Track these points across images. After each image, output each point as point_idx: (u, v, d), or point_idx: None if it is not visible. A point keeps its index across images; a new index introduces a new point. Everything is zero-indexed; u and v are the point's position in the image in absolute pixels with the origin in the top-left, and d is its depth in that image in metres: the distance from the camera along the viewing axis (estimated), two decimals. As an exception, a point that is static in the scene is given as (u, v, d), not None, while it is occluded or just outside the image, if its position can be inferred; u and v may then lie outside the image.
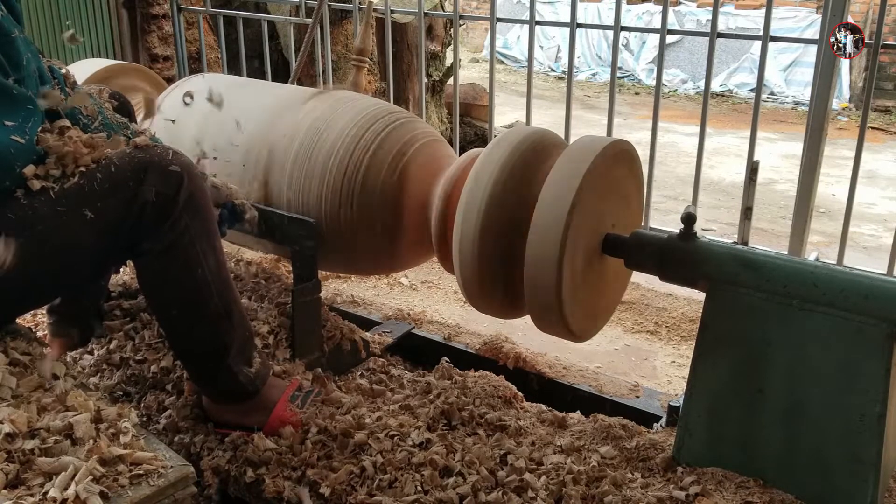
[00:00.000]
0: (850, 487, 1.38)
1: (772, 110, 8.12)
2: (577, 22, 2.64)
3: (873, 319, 1.36)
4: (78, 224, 1.33)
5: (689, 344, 2.45)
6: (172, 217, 1.40)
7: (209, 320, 1.50)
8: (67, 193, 1.33)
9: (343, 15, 3.84)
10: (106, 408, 1.23)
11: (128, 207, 1.37)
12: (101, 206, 1.35)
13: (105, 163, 1.37)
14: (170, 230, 1.41)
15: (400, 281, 2.90)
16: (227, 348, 1.53)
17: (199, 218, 1.45)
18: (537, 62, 10.26)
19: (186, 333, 1.52)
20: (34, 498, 1.04)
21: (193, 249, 1.44)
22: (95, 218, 1.34)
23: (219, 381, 1.57)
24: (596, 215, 1.62)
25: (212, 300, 1.49)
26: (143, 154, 1.39)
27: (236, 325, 1.54)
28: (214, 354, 1.54)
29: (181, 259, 1.44)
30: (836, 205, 4.73)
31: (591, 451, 1.58)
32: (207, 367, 1.57)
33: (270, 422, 1.61)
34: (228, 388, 1.58)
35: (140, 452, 1.16)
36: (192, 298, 1.48)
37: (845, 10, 2.20)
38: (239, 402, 1.60)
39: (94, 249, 1.39)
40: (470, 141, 4.83)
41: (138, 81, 2.43)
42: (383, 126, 1.89)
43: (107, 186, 1.35)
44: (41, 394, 1.24)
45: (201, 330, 1.51)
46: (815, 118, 2.32)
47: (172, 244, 1.42)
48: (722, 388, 1.51)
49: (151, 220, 1.39)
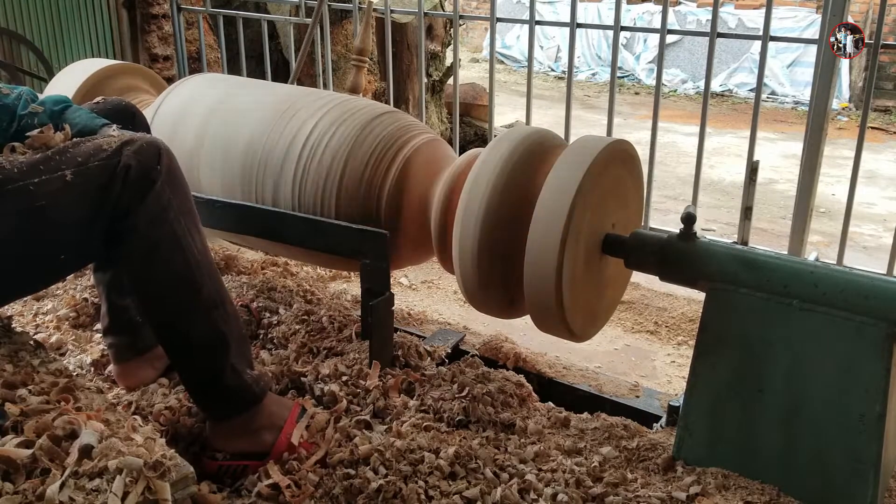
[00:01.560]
0: (850, 487, 1.38)
1: (772, 110, 8.12)
2: (577, 22, 2.64)
3: (873, 319, 1.36)
4: (57, 184, 1.29)
5: (689, 344, 2.45)
6: (155, 188, 1.37)
7: (205, 308, 1.44)
8: (47, 159, 1.31)
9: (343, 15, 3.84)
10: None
11: (110, 174, 1.33)
12: (83, 171, 1.32)
13: (82, 141, 1.37)
14: (154, 202, 1.37)
15: (400, 281, 2.90)
16: (227, 342, 1.46)
17: (179, 194, 1.42)
18: (537, 62, 10.26)
19: (183, 325, 1.44)
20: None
21: (180, 225, 1.41)
22: (75, 180, 1.30)
23: (224, 383, 1.47)
24: (596, 215, 1.62)
25: (204, 283, 1.43)
26: (118, 135, 1.41)
27: (231, 317, 1.48)
28: (215, 349, 1.45)
29: (169, 236, 1.39)
30: (836, 205, 4.74)
31: (592, 451, 1.59)
32: (210, 367, 1.46)
33: (280, 441, 1.50)
34: (234, 392, 1.48)
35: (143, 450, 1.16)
36: (185, 281, 1.42)
37: (845, 10, 2.20)
38: (246, 409, 1.49)
39: (73, 218, 1.34)
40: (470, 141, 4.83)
41: (138, 81, 2.44)
42: (384, 127, 1.89)
43: (89, 152, 1.34)
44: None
45: (198, 319, 1.44)
46: (815, 118, 2.32)
47: (157, 218, 1.38)
48: (722, 388, 1.51)
49: (134, 188, 1.35)
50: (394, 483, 1.39)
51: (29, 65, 3.19)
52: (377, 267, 1.78)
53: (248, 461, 1.48)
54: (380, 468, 1.43)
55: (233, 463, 1.49)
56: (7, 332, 1.49)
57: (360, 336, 1.91)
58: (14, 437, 1.11)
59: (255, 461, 1.48)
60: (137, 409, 1.66)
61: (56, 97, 1.53)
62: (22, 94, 1.49)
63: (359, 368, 1.76)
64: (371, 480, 1.40)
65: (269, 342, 1.98)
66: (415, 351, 1.91)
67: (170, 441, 1.57)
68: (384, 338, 1.82)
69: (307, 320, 2.01)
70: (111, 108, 1.68)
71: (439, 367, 1.86)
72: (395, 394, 1.73)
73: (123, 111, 1.71)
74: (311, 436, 1.54)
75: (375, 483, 1.39)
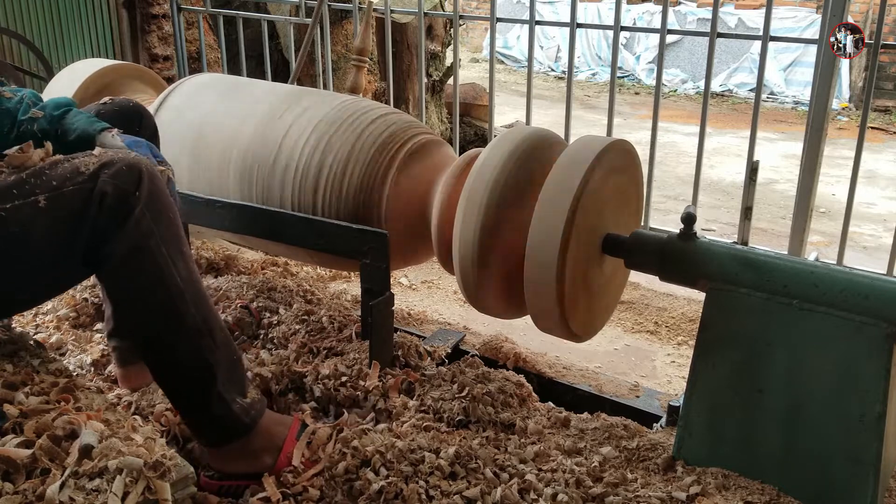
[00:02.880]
0: (850, 487, 1.38)
1: (772, 110, 8.12)
2: (577, 22, 2.64)
3: (873, 319, 1.36)
4: (29, 210, 1.23)
5: (689, 344, 2.45)
6: (134, 215, 1.29)
7: (188, 337, 1.36)
8: (21, 182, 1.25)
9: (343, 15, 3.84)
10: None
11: (85, 200, 1.26)
12: (56, 196, 1.25)
13: (61, 161, 1.30)
14: (133, 229, 1.29)
15: (400, 281, 2.90)
16: (213, 371, 1.39)
17: (163, 221, 1.34)
18: (537, 62, 10.26)
19: (166, 354, 1.38)
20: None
21: (161, 254, 1.32)
22: (49, 205, 1.24)
23: (212, 413, 1.40)
24: (596, 215, 1.62)
25: (188, 312, 1.35)
26: (99, 155, 1.32)
27: (219, 345, 1.41)
28: (200, 379, 1.39)
29: (148, 265, 1.32)
30: (836, 205, 4.74)
31: (592, 451, 1.59)
32: (196, 397, 1.40)
33: (280, 462, 1.46)
34: (222, 423, 1.42)
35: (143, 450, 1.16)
36: (167, 310, 1.34)
37: (845, 10, 2.20)
38: (237, 438, 1.44)
39: (47, 245, 1.27)
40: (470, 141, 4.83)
41: (138, 82, 2.44)
42: (384, 127, 1.89)
43: (65, 175, 1.27)
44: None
45: (182, 348, 1.37)
46: (815, 118, 2.32)
47: (137, 247, 1.30)
48: (722, 388, 1.51)
49: (110, 215, 1.28)
50: (395, 484, 1.39)
51: (29, 65, 3.19)
52: (377, 267, 1.78)
53: (249, 481, 1.45)
54: (381, 469, 1.43)
55: (233, 483, 1.46)
56: (7, 332, 1.49)
57: (360, 336, 1.91)
58: (14, 437, 1.11)
59: (256, 481, 1.45)
60: (137, 409, 1.66)
61: (58, 100, 1.51)
62: (24, 97, 1.47)
63: (359, 368, 1.76)
64: (372, 482, 1.40)
65: (269, 342, 1.98)
66: (415, 351, 1.91)
67: (170, 442, 1.57)
68: (384, 338, 1.82)
69: (307, 320, 2.01)
70: (118, 109, 1.66)
71: (439, 368, 1.86)
72: (394, 394, 1.73)
73: (131, 112, 1.69)
74: (313, 453, 1.50)
75: (377, 484, 1.39)
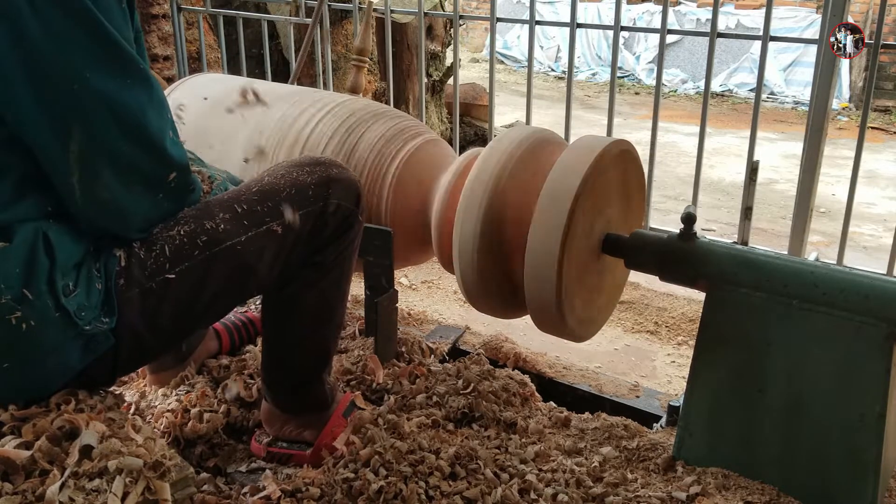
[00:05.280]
0: (850, 487, 1.38)
1: (772, 110, 8.12)
2: (577, 22, 2.64)
3: (873, 319, 1.36)
4: (263, 239, 1.29)
5: (689, 344, 2.45)
6: (353, 230, 1.40)
7: (336, 329, 1.50)
8: (251, 212, 1.28)
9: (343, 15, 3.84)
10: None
11: (315, 221, 1.34)
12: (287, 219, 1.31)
13: (279, 176, 1.34)
14: (344, 240, 1.39)
15: (400, 281, 2.90)
16: (330, 358, 1.53)
17: (359, 230, 1.45)
18: (537, 62, 10.26)
19: (308, 342, 1.48)
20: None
21: (349, 262, 1.44)
22: (284, 231, 1.30)
23: (311, 390, 1.53)
24: (596, 215, 1.62)
25: (340, 309, 1.48)
26: (322, 169, 1.37)
27: (339, 335, 1.56)
28: (319, 363, 1.51)
29: (338, 271, 1.42)
30: (836, 205, 4.73)
31: (592, 451, 1.59)
32: (307, 375, 1.52)
33: (324, 434, 1.54)
34: (314, 397, 1.54)
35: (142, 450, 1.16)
36: (333, 307, 1.46)
37: (845, 10, 2.20)
38: (317, 412, 1.54)
39: (269, 271, 1.32)
40: (470, 141, 4.83)
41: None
42: (384, 127, 1.89)
43: (291, 196, 1.32)
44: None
45: (321, 338, 1.48)
46: (815, 118, 2.32)
47: (342, 254, 1.40)
48: (722, 388, 1.51)
49: (331, 233, 1.37)
50: (394, 484, 1.39)
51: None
52: (381, 264, 1.79)
53: (293, 451, 1.53)
54: (380, 469, 1.43)
55: (280, 451, 1.54)
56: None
57: (363, 333, 1.91)
58: (13, 438, 1.11)
59: (299, 452, 1.53)
60: (137, 409, 1.66)
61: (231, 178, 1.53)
62: (221, 181, 1.47)
63: (363, 365, 1.77)
64: (372, 482, 1.40)
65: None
66: (418, 347, 1.92)
67: (170, 443, 1.57)
68: (389, 334, 1.83)
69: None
70: None
71: (444, 364, 1.87)
72: (404, 380, 1.75)
73: None
74: (356, 432, 1.56)
75: (376, 484, 1.39)
